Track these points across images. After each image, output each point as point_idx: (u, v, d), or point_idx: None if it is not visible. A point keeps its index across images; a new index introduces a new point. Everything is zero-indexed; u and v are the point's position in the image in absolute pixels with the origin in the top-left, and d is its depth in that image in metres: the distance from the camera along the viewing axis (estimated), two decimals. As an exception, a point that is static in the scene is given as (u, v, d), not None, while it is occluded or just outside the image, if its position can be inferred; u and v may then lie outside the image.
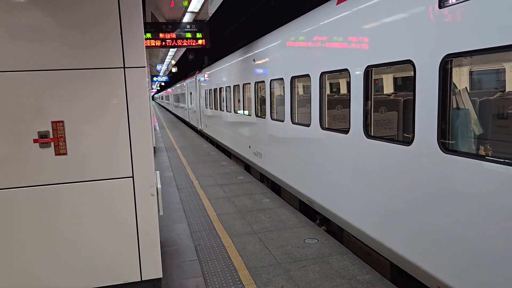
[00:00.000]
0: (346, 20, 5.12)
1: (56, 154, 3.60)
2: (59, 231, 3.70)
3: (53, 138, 3.57)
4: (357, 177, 4.95)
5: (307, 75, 6.25)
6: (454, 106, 3.68)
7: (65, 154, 3.62)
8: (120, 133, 3.74)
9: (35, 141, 3.54)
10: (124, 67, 3.69)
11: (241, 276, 4.52)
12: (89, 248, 3.79)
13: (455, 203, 3.43)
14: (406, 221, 4.10)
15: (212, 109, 15.78)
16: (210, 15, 9.18)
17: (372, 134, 4.69)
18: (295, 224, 6.18)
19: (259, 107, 9.30)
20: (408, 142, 3.96)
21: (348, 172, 5.15)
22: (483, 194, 3.15)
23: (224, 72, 13.31)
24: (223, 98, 13.22)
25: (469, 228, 3.31)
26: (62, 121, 3.58)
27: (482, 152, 3.72)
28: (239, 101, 11.13)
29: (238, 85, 11.01)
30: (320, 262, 4.82)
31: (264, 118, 8.73)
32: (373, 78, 4.68)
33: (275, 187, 8.96)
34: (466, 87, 4.07)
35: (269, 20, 14.06)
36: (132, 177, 3.81)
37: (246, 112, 10.44)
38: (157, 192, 4.01)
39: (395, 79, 8.83)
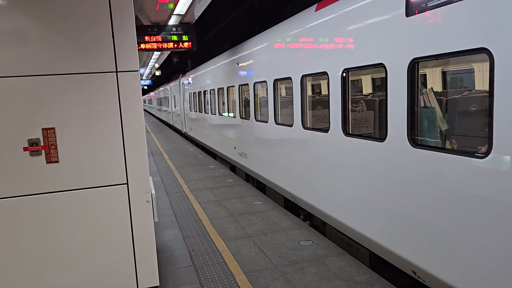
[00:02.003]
0: (324, 26, 5.40)
1: (47, 162, 3.47)
2: (52, 241, 3.56)
3: (44, 146, 3.44)
4: (337, 173, 5.26)
5: (289, 78, 6.49)
6: (422, 105, 4.02)
7: (57, 162, 3.50)
8: (113, 138, 3.64)
9: (25, 149, 3.40)
10: (116, 71, 3.59)
11: (239, 281, 4.44)
12: (83, 257, 3.67)
13: (423, 192, 3.74)
14: (381, 212, 4.40)
15: (196, 112, 15.91)
16: (197, 17, 9.08)
17: (350, 132, 4.97)
18: (288, 226, 6.13)
19: (243, 109, 9.50)
20: (382, 138, 4.28)
21: (328, 169, 5.47)
22: (448, 183, 3.46)
23: (208, 75, 13.47)
24: (208, 101, 13.39)
25: (436, 214, 3.62)
26: (53, 128, 3.46)
27: (448, 145, 4.04)
28: (223, 103, 11.28)
29: (222, 88, 11.20)
30: (317, 264, 4.79)
31: (249, 119, 8.93)
32: (350, 80, 4.99)
33: (260, 186, 9.15)
34: (432, 87, 4.45)
35: (253, 23, 14.02)
36: (127, 183, 3.71)
37: (231, 114, 10.61)
38: (152, 199, 3.91)
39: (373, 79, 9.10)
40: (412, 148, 3.82)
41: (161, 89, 34.31)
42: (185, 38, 9.36)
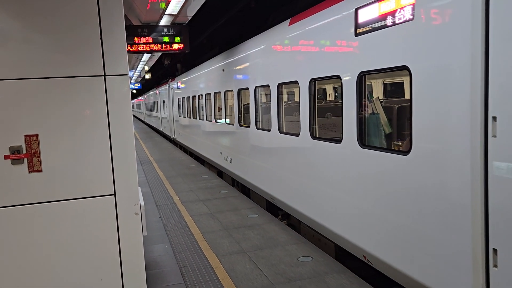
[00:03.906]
0: (295, 39, 6.30)
1: (29, 171, 3.46)
2: (34, 255, 3.55)
3: (27, 154, 3.44)
4: (306, 172, 6.12)
5: (267, 86, 7.42)
6: (370, 111, 4.95)
7: (40, 171, 3.49)
8: (100, 146, 3.64)
9: (6, 157, 3.40)
10: (104, 75, 3.60)
11: (233, 300, 4.44)
12: (67, 273, 3.64)
13: (368, 185, 4.58)
14: (339, 205, 5.25)
15: (185, 117, 16.70)
16: (190, 18, 9.14)
17: (316, 136, 5.86)
18: (286, 241, 6.14)
19: (228, 114, 10.34)
20: (339, 140, 5.14)
21: (300, 169, 6.34)
22: (385, 176, 4.27)
23: (196, 81, 14.23)
24: (195, 107, 14.21)
25: (377, 204, 4.43)
26: (37, 135, 3.46)
27: (393, 146, 4.85)
28: (210, 109, 12.02)
29: (209, 94, 12.03)
30: (317, 281, 4.79)
31: (233, 125, 9.71)
32: (316, 89, 5.90)
33: (245, 190, 9.72)
34: (378, 96, 5.44)
35: (248, 25, 14.12)
36: (114, 194, 3.71)
37: (218, 120, 11.45)
38: (141, 211, 3.91)
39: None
40: (360, 148, 4.68)
41: (150, 93, 34.41)
42: (177, 39, 9.42)
